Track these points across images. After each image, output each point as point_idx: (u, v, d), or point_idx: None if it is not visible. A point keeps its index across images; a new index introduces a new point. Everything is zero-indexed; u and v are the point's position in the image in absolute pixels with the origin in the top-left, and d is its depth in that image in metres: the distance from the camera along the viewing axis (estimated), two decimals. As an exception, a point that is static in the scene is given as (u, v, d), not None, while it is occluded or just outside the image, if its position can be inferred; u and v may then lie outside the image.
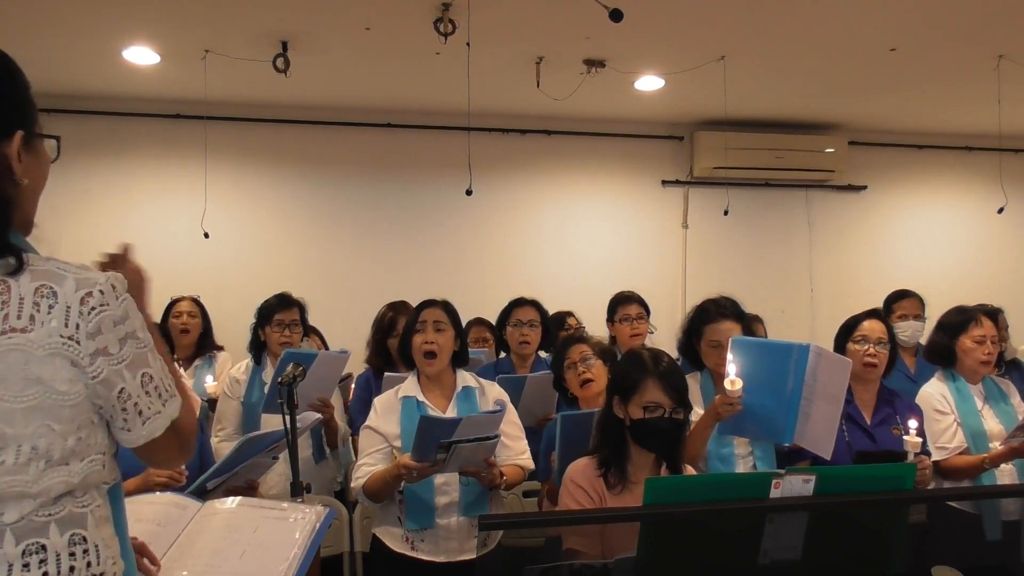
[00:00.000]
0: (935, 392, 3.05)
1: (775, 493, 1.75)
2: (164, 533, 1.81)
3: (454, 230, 5.97)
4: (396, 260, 5.83)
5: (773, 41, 4.57)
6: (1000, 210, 5.76)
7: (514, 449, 2.66)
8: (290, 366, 2.29)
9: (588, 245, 6.17)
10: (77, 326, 1.17)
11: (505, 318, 3.91)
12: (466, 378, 2.72)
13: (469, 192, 4.91)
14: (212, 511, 1.89)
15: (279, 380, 2.24)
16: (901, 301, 4.11)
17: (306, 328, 3.63)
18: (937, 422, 2.97)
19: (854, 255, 6.59)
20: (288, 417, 2.18)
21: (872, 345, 2.86)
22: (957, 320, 3.10)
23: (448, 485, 2.52)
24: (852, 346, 2.91)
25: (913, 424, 2.51)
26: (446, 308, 2.71)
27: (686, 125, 6.24)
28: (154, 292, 2.20)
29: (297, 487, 2.19)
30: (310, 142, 5.80)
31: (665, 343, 3.12)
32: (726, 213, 5.74)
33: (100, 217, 5.43)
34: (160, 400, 1.27)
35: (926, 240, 6.69)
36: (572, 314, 4.61)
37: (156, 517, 1.84)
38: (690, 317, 2.89)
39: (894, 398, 2.94)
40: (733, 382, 2.41)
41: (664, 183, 6.32)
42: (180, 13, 4.10)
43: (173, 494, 1.96)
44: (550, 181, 6.16)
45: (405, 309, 3.46)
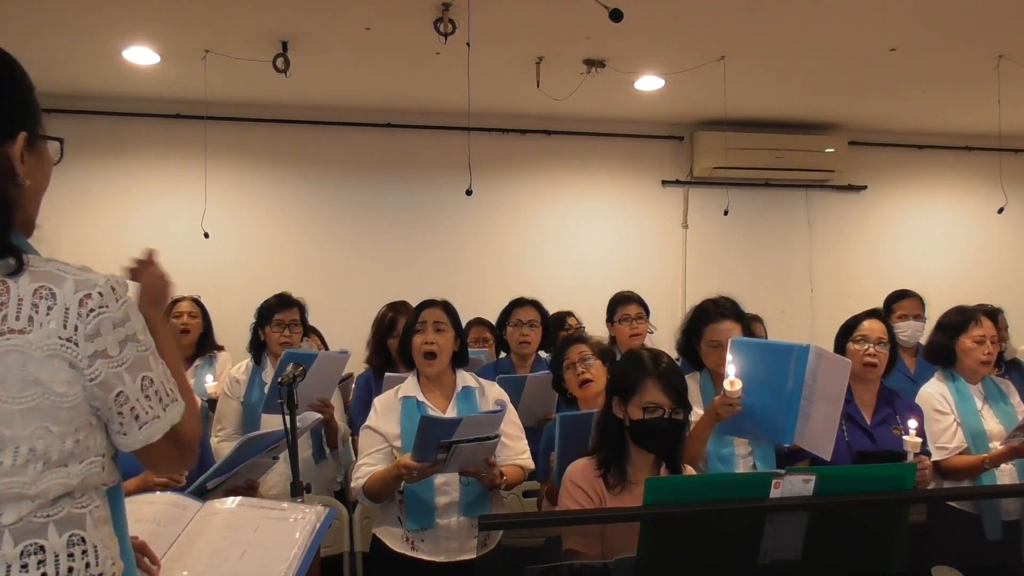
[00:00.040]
0: (935, 392, 3.05)
1: (775, 493, 1.75)
2: (164, 533, 1.81)
3: (454, 230, 5.97)
4: (396, 260, 5.84)
5: (773, 41, 4.57)
6: (1000, 210, 5.76)
7: (514, 449, 2.66)
8: (290, 366, 2.29)
9: (588, 245, 6.17)
10: (76, 328, 1.17)
11: (505, 318, 3.91)
12: (466, 378, 2.72)
13: (469, 192, 4.91)
14: (212, 511, 1.89)
15: (279, 380, 2.24)
16: (901, 301, 4.11)
17: (306, 328, 3.63)
18: (937, 422, 2.97)
19: (854, 255, 6.59)
20: (288, 417, 2.18)
21: (872, 345, 2.86)
22: (957, 320, 3.10)
23: (448, 485, 2.52)
24: (852, 346, 2.91)
25: (913, 424, 2.51)
26: (446, 308, 2.71)
27: (686, 125, 6.24)
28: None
29: (297, 487, 2.19)
30: (310, 142, 5.80)
31: (665, 343, 3.12)
32: (726, 213, 5.74)
33: (100, 217, 5.44)
34: (160, 405, 1.26)
35: (926, 240, 6.69)
36: (572, 314, 4.61)
37: (156, 517, 1.84)
38: (689, 317, 2.89)
39: (894, 398, 2.94)
40: (732, 383, 2.41)
41: (664, 183, 6.32)
42: (180, 13, 4.10)
43: (173, 494, 1.96)
44: (550, 181, 6.16)
45: (405, 309, 3.45)
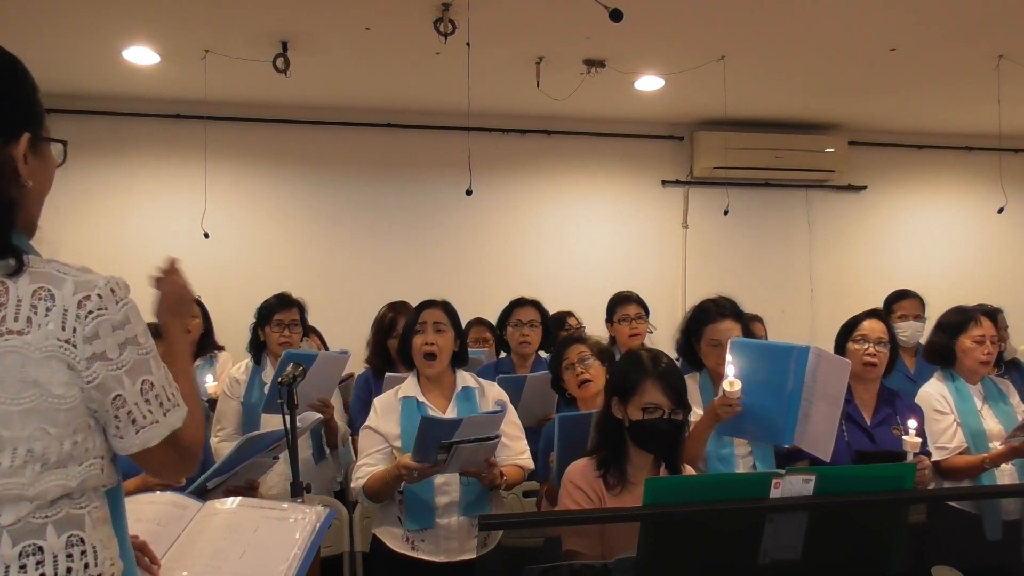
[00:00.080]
0: (934, 392, 3.05)
1: (775, 493, 1.75)
2: (164, 533, 1.81)
3: (454, 230, 5.97)
4: (396, 260, 5.84)
5: (773, 41, 4.57)
6: (1000, 210, 5.76)
7: (514, 449, 2.66)
8: (290, 366, 2.29)
9: (588, 245, 6.18)
10: (74, 330, 1.16)
11: (506, 318, 3.91)
12: (466, 378, 2.71)
13: (469, 192, 4.91)
14: (212, 511, 1.89)
15: (279, 380, 2.24)
16: (901, 301, 4.11)
17: (306, 328, 3.63)
18: (937, 422, 2.97)
19: (854, 255, 6.59)
20: (288, 417, 2.18)
21: (872, 345, 2.86)
22: (956, 320, 3.10)
23: (448, 485, 2.52)
24: (852, 345, 2.91)
25: (912, 424, 2.51)
26: (446, 309, 2.71)
27: (686, 125, 6.24)
28: (154, 292, 2.21)
29: (297, 487, 2.19)
30: (310, 142, 5.80)
31: (665, 343, 3.12)
32: (726, 213, 5.74)
33: (100, 217, 5.44)
34: (161, 409, 1.25)
35: (926, 240, 6.69)
36: (572, 314, 4.61)
37: (156, 517, 1.84)
38: (689, 317, 2.89)
39: (894, 398, 2.94)
40: (732, 383, 2.41)
41: (664, 183, 6.32)
42: (180, 13, 4.10)
43: (173, 494, 1.96)
44: (550, 181, 6.16)
45: (405, 309, 3.45)
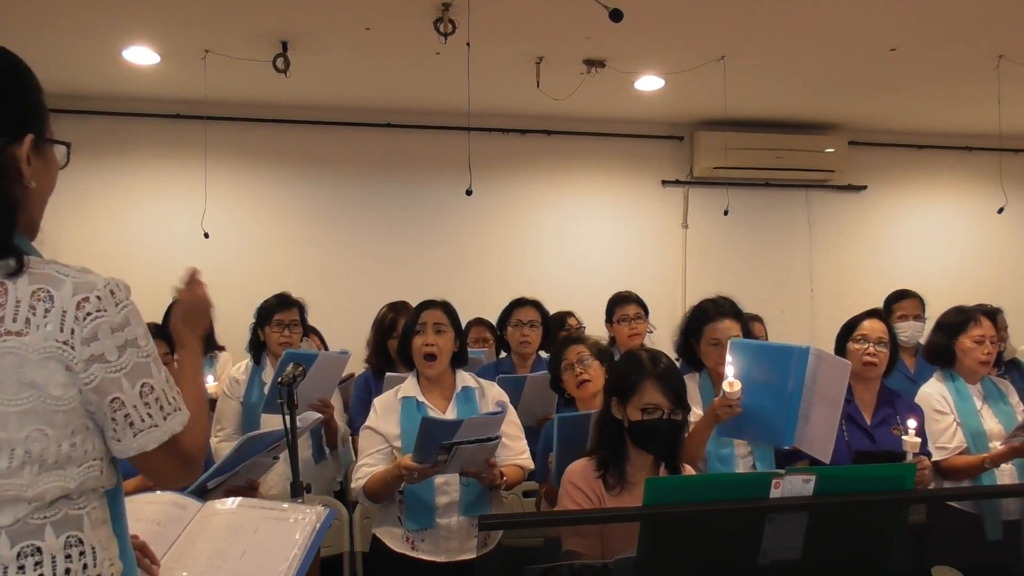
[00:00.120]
0: (934, 392, 3.05)
1: (775, 493, 1.74)
2: (164, 533, 1.81)
3: (454, 230, 5.97)
4: (396, 260, 5.84)
5: (773, 41, 4.57)
6: (1000, 210, 5.76)
7: (514, 449, 2.66)
8: (290, 366, 2.28)
9: (588, 245, 6.18)
10: (72, 331, 1.16)
11: (506, 318, 3.91)
12: (465, 378, 2.71)
13: (469, 192, 4.91)
14: (212, 511, 1.89)
15: (279, 380, 2.23)
16: (901, 301, 4.11)
17: (305, 328, 3.63)
18: (937, 422, 2.97)
19: (854, 255, 6.59)
20: (288, 417, 2.18)
21: (872, 344, 2.86)
22: (956, 320, 3.10)
23: (448, 485, 2.52)
24: (852, 345, 2.91)
25: (912, 424, 2.51)
26: (446, 309, 2.70)
27: (686, 125, 6.24)
28: (154, 292, 2.20)
29: (297, 487, 2.19)
30: (310, 142, 5.80)
31: (664, 343, 3.11)
32: (726, 213, 5.74)
33: (100, 217, 5.44)
34: (161, 413, 1.24)
35: (926, 240, 6.69)
36: (572, 314, 4.61)
37: (156, 517, 1.84)
38: (688, 317, 2.89)
39: (895, 398, 2.93)
40: (732, 384, 2.40)
41: (664, 183, 6.32)
42: (180, 13, 4.10)
43: (173, 494, 1.95)
44: (550, 181, 6.16)
45: (405, 310, 3.45)
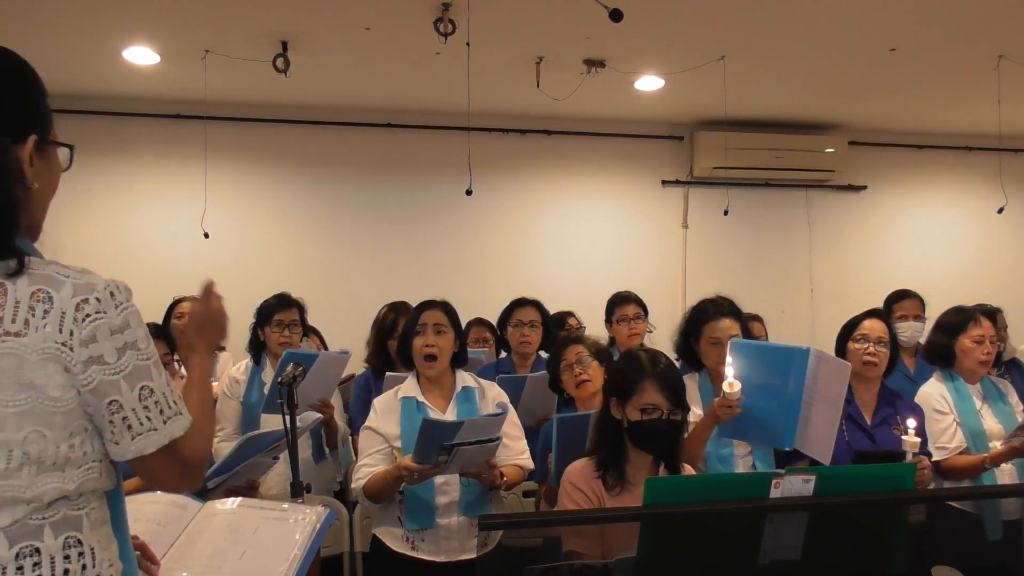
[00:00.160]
0: (934, 392, 3.05)
1: (775, 493, 1.74)
2: (164, 533, 1.81)
3: (454, 230, 5.98)
4: (396, 260, 5.84)
5: (773, 41, 4.57)
6: (1000, 210, 5.76)
7: (514, 449, 2.65)
8: (290, 366, 2.28)
9: (588, 245, 6.18)
10: (71, 332, 1.15)
11: (506, 318, 3.91)
12: (465, 378, 2.71)
13: (469, 192, 4.91)
14: (212, 511, 1.89)
15: (279, 380, 2.23)
16: (901, 301, 4.10)
17: (305, 328, 3.63)
18: (936, 422, 2.97)
19: (854, 255, 6.59)
20: (288, 417, 2.18)
21: (872, 344, 2.86)
22: (956, 320, 3.10)
23: (448, 485, 2.52)
24: (852, 345, 2.90)
25: (912, 424, 2.51)
26: (446, 310, 2.70)
27: (686, 125, 6.24)
28: (154, 292, 2.20)
29: (297, 487, 2.19)
30: (310, 142, 5.80)
31: (664, 342, 3.12)
32: (726, 213, 5.74)
33: (100, 217, 5.44)
34: (161, 417, 1.23)
35: (926, 240, 6.69)
36: (573, 314, 4.61)
37: (156, 517, 1.84)
38: (688, 317, 2.89)
39: (895, 399, 2.93)
40: (731, 384, 2.40)
41: (664, 183, 6.32)
42: (180, 13, 4.10)
43: (173, 494, 1.96)
44: (550, 181, 6.16)
45: (406, 310, 3.45)
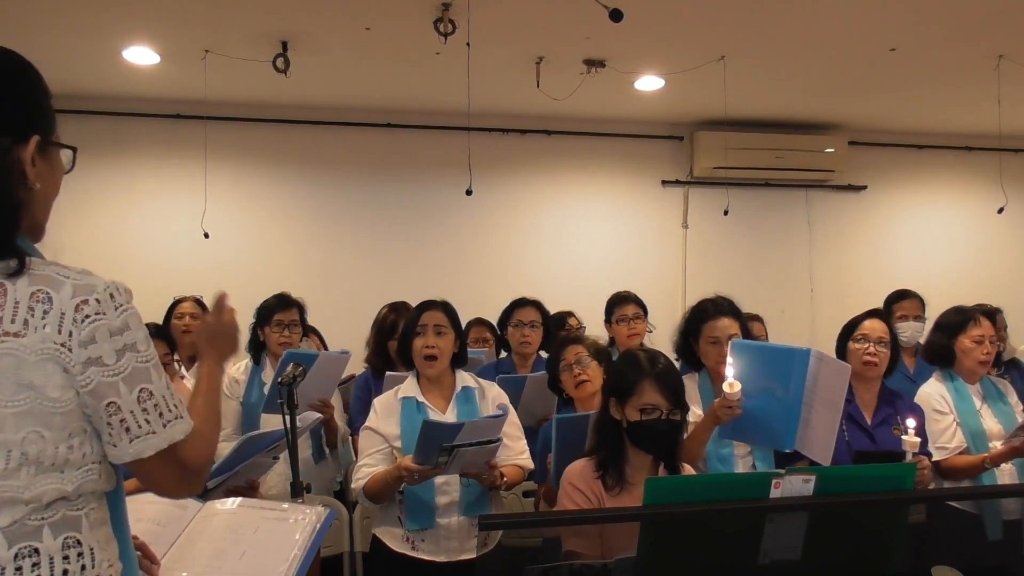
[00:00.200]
0: (934, 392, 3.05)
1: (775, 493, 1.74)
2: (164, 533, 1.81)
3: (454, 230, 5.97)
4: (396, 260, 5.84)
5: (773, 41, 4.57)
6: (1000, 210, 5.76)
7: (514, 449, 2.66)
8: (290, 366, 2.28)
9: (588, 245, 6.18)
10: (70, 333, 1.15)
11: (506, 318, 3.91)
12: (465, 378, 2.71)
13: (469, 192, 4.91)
14: (212, 511, 1.89)
15: (279, 380, 2.24)
16: (901, 302, 4.10)
17: (305, 328, 3.63)
18: (936, 422, 2.97)
19: (854, 255, 6.59)
20: (288, 417, 2.18)
21: (872, 344, 2.86)
22: (955, 320, 3.10)
23: (448, 485, 2.52)
24: (852, 345, 2.91)
25: (911, 423, 2.51)
26: (446, 310, 2.70)
27: (686, 125, 6.24)
28: (154, 292, 2.20)
29: (297, 487, 2.19)
30: (310, 142, 5.80)
31: (664, 342, 3.12)
32: (726, 213, 5.74)
33: (100, 217, 5.44)
34: (160, 420, 1.22)
35: (926, 240, 6.69)
36: (573, 314, 4.61)
37: (156, 517, 1.84)
38: (687, 317, 2.89)
39: (895, 399, 2.93)
40: (732, 384, 2.39)
41: (664, 183, 6.32)
42: (180, 13, 4.10)
43: (172, 498, 1.95)
44: (550, 181, 6.16)
45: (406, 310, 3.44)
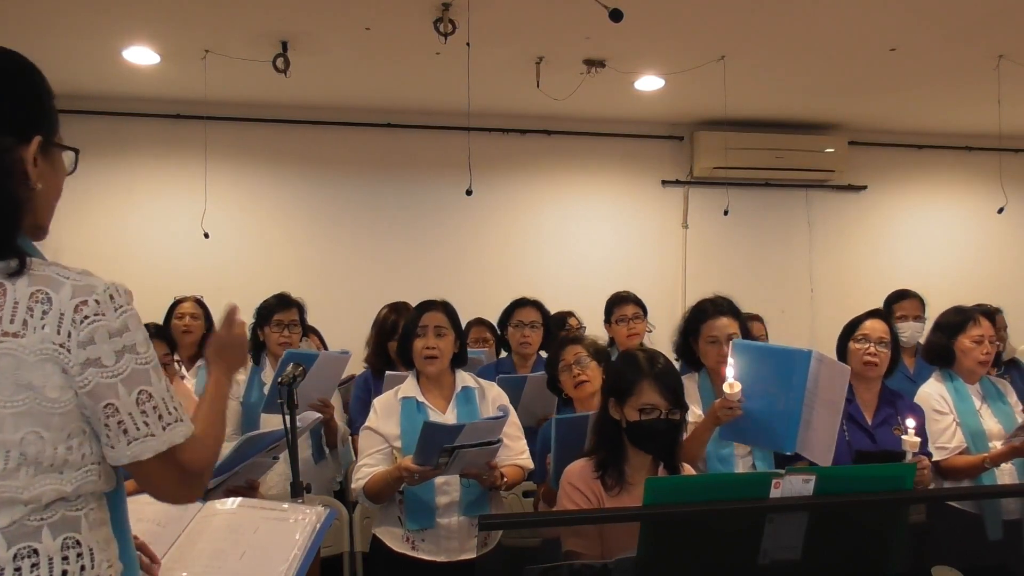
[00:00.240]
0: (933, 392, 3.05)
1: (775, 493, 1.74)
2: (164, 533, 1.81)
3: (454, 230, 5.97)
4: (396, 260, 5.83)
5: (773, 41, 4.57)
6: (1000, 210, 5.76)
7: (514, 449, 2.66)
8: (290, 366, 2.28)
9: (588, 245, 6.17)
10: (69, 334, 1.15)
11: (507, 318, 3.90)
12: (465, 378, 2.71)
13: (469, 192, 4.91)
14: (212, 511, 1.89)
15: (279, 380, 2.23)
16: (901, 302, 4.10)
17: (305, 328, 3.63)
18: (936, 422, 2.97)
19: (854, 255, 6.59)
20: (288, 417, 2.18)
21: (873, 344, 2.86)
22: (955, 320, 3.10)
23: (449, 485, 2.52)
24: (853, 345, 2.90)
25: (911, 424, 2.51)
26: (446, 311, 2.69)
27: (686, 125, 6.24)
28: (154, 292, 2.20)
29: (297, 487, 2.19)
30: (310, 142, 5.80)
31: (664, 342, 3.12)
32: (726, 213, 5.74)
33: (100, 217, 5.44)
34: (160, 422, 1.22)
35: (926, 240, 6.69)
36: (573, 314, 4.61)
37: (156, 517, 1.84)
38: (687, 317, 2.89)
39: (896, 399, 2.93)
40: (732, 385, 2.39)
41: (664, 183, 6.32)
42: (180, 13, 4.10)
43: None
44: (550, 181, 6.16)
45: (406, 311, 3.44)
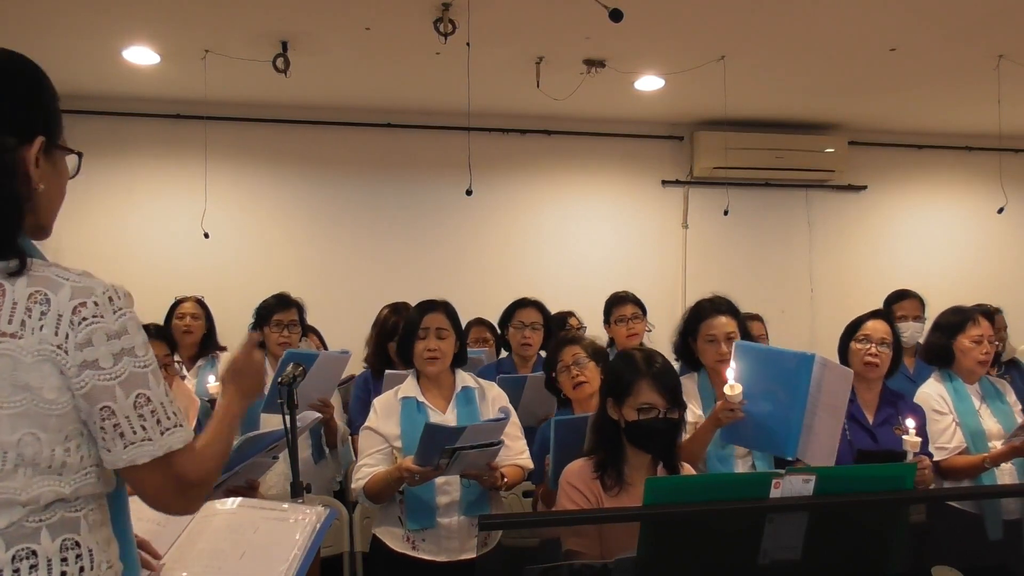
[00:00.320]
0: (933, 392, 3.05)
1: (775, 493, 1.74)
2: (164, 533, 1.80)
3: (454, 230, 5.97)
4: (396, 260, 5.84)
5: (773, 41, 4.57)
6: (1000, 210, 5.76)
7: (514, 449, 2.65)
8: (290, 366, 2.28)
9: (588, 245, 6.17)
10: (67, 336, 1.15)
11: (507, 319, 3.90)
12: (465, 378, 2.71)
13: (469, 192, 4.91)
14: (212, 511, 1.89)
15: (279, 380, 2.23)
16: (901, 302, 4.10)
17: (304, 328, 3.63)
18: (936, 422, 2.97)
19: (854, 255, 6.59)
20: (288, 417, 2.18)
21: (874, 345, 2.86)
22: (954, 320, 3.10)
23: (449, 485, 2.53)
24: (855, 345, 2.91)
25: (911, 423, 2.51)
26: (447, 312, 2.69)
27: (686, 125, 6.24)
28: (154, 292, 2.20)
29: (297, 487, 2.18)
30: (310, 142, 5.80)
31: (664, 342, 3.12)
32: (726, 213, 5.74)
33: (100, 217, 5.44)
34: (158, 427, 1.21)
35: (926, 240, 6.68)
36: (573, 314, 4.61)
37: (157, 516, 1.82)
38: (686, 317, 2.89)
39: (897, 399, 2.93)
40: (732, 387, 2.39)
41: (664, 183, 6.32)
42: (180, 13, 4.10)
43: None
44: (550, 181, 6.16)
45: (406, 311, 3.44)
